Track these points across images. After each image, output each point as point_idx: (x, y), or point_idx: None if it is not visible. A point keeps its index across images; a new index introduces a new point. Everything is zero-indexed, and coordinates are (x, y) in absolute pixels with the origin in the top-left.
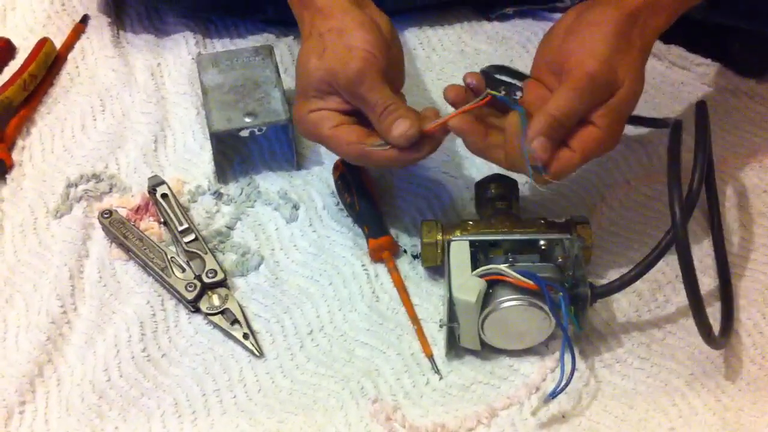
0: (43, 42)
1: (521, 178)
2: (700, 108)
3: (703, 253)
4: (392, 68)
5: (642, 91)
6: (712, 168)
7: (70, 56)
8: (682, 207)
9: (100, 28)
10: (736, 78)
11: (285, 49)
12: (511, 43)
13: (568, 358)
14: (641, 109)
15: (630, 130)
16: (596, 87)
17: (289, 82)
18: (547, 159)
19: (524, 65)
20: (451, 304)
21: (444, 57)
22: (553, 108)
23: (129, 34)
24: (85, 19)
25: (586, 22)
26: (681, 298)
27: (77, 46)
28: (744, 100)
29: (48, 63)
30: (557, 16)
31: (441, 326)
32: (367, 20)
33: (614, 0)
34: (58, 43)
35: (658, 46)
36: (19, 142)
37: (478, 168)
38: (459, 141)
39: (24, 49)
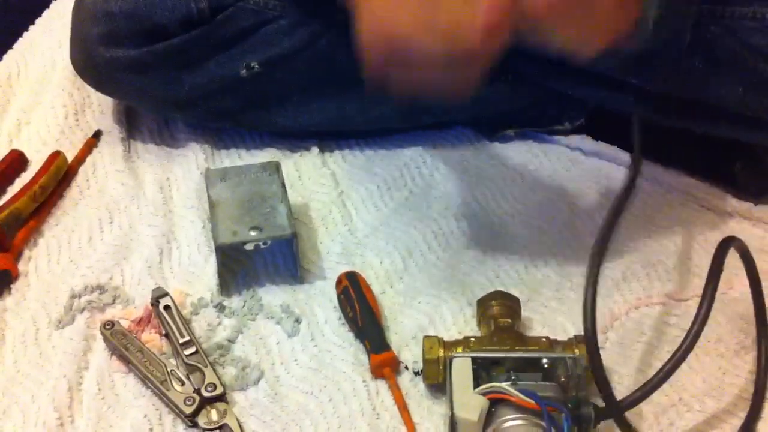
0: (56, 155)
1: (523, 296)
2: (722, 247)
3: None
4: None
5: None
6: (764, 308)
7: (81, 169)
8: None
9: (112, 143)
10: (733, 200)
11: (291, 165)
12: (513, 164)
13: None
14: (640, 226)
15: (634, 245)
16: None
17: (294, 197)
18: None
19: (527, 184)
20: (452, 422)
21: (446, 176)
22: None
23: (140, 149)
24: (97, 134)
25: None
26: (685, 422)
27: (89, 159)
28: (742, 224)
29: (59, 175)
30: (556, 138)
31: None
32: None
33: None
34: (70, 157)
35: (657, 170)
36: (26, 253)
37: (481, 284)
38: (461, 257)
39: (36, 162)
